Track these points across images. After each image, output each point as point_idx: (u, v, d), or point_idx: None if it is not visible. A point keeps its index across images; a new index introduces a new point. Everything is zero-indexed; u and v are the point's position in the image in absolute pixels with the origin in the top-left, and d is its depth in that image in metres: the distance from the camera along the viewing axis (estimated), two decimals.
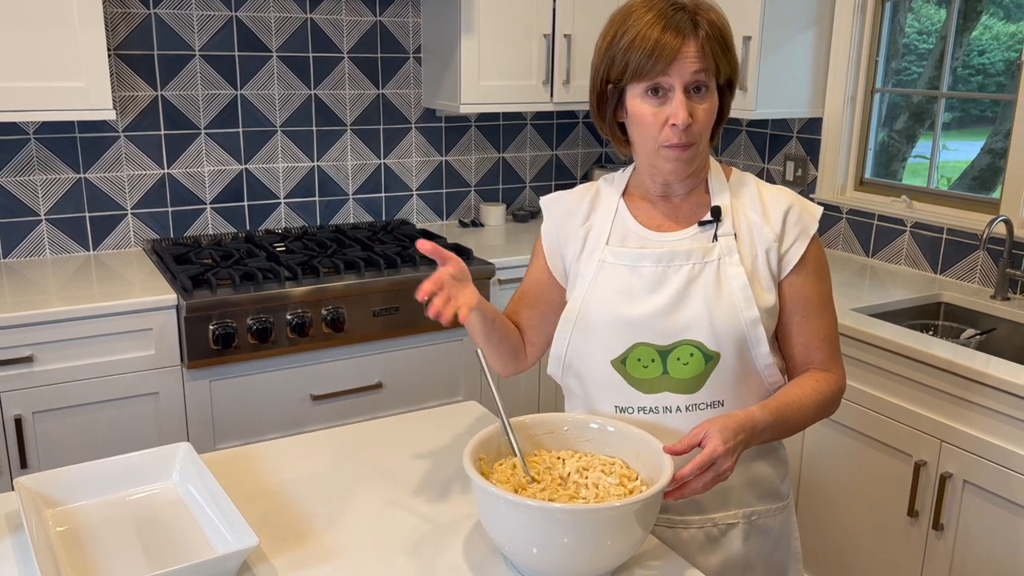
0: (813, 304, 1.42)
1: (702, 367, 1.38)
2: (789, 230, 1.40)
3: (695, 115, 1.32)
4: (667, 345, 1.38)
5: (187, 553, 1.25)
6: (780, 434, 1.38)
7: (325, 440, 1.65)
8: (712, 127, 1.39)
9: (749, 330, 1.37)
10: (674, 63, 1.30)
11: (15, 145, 2.75)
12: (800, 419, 1.39)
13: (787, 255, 1.40)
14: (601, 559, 1.19)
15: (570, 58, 3.20)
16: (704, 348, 1.37)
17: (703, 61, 1.31)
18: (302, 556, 1.27)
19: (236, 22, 2.99)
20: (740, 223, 1.41)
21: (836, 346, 1.46)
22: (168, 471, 1.44)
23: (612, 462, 1.32)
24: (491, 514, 1.20)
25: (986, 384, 2.08)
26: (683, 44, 1.30)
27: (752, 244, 1.39)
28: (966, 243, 2.77)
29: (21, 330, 2.32)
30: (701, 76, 1.31)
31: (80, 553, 1.25)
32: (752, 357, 1.39)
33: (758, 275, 1.39)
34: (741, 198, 1.43)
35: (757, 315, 1.37)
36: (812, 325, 1.42)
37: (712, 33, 1.32)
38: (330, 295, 2.64)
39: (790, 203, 1.42)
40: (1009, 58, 2.79)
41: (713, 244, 1.39)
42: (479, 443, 1.29)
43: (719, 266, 1.38)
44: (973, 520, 2.15)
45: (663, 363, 1.39)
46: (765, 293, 1.39)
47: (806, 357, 1.43)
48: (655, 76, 1.31)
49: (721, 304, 1.37)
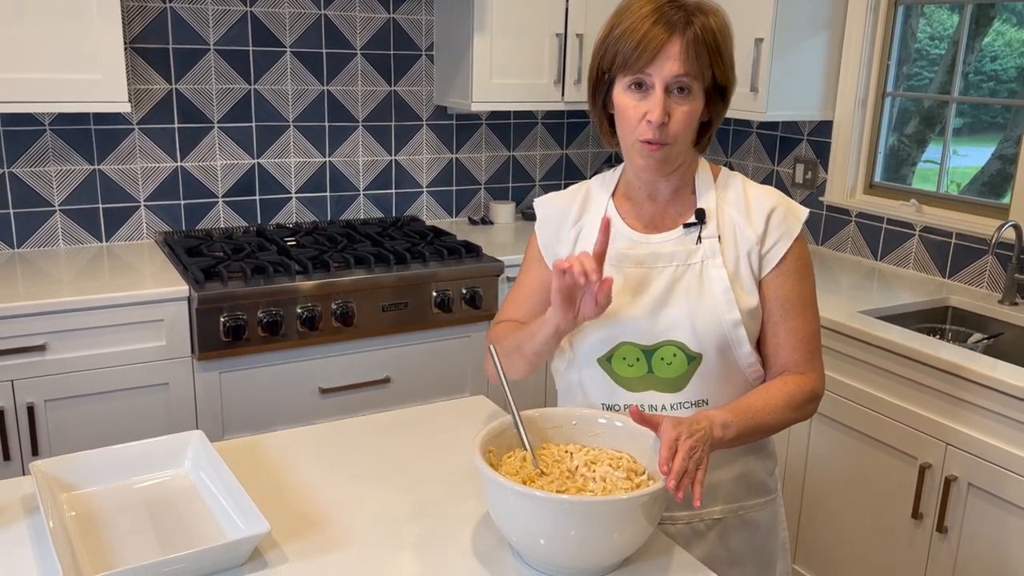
0: (791, 304, 1.41)
1: (685, 367, 1.39)
2: (772, 231, 1.40)
3: (673, 115, 1.32)
4: (651, 345, 1.40)
5: (199, 539, 1.27)
6: (748, 435, 1.35)
7: (335, 431, 1.67)
8: (697, 131, 1.38)
9: (730, 332, 1.38)
10: (657, 59, 1.30)
11: (31, 136, 2.77)
12: (767, 419, 1.35)
13: (768, 255, 1.40)
14: (607, 551, 1.21)
15: (582, 57, 3.21)
16: (687, 349, 1.39)
17: (686, 64, 1.31)
18: (312, 544, 1.29)
19: (251, 17, 3.01)
20: (724, 224, 1.42)
21: (814, 347, 1.44)
22: (180, 458, 1.46)
23: (619, 456, 1.33)
24: (500, 505, 1.22)
25: (992, 388, 2.09)
26: (668, 42, 1.30)
27: (735, 246, 1.40)
28: (975, 248, 2.78)
29: (35, 319, 2.34)
30: (684, 79, 1.31)
31: (94, 537, 1.27)
32: (735, 357, 1.40)
33: (740, 277, 1.40)
34: (726, 199, 1.43)
35: (739, 317, 1.38)
36: (789, 325, 1.41)
37: (703, 36, 1.32)
38: (340, 289, 2.66)
39: (774, 204, 1.42)
40: (1021, 64, 2.80)
41: (697, 246, 1.41)
42: (489, 436, 1.31)
43: (702, 268, 1.40)
44: (977, 523, 2.16)
45: (648, 362, 1.40)
46: (746, 295, 1.40)
47: (784, 358, 1.42)
48: (638, 70, 1.32)
49: (703, 306, 1.38)
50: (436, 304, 2.82)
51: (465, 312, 2.88)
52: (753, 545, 1.52)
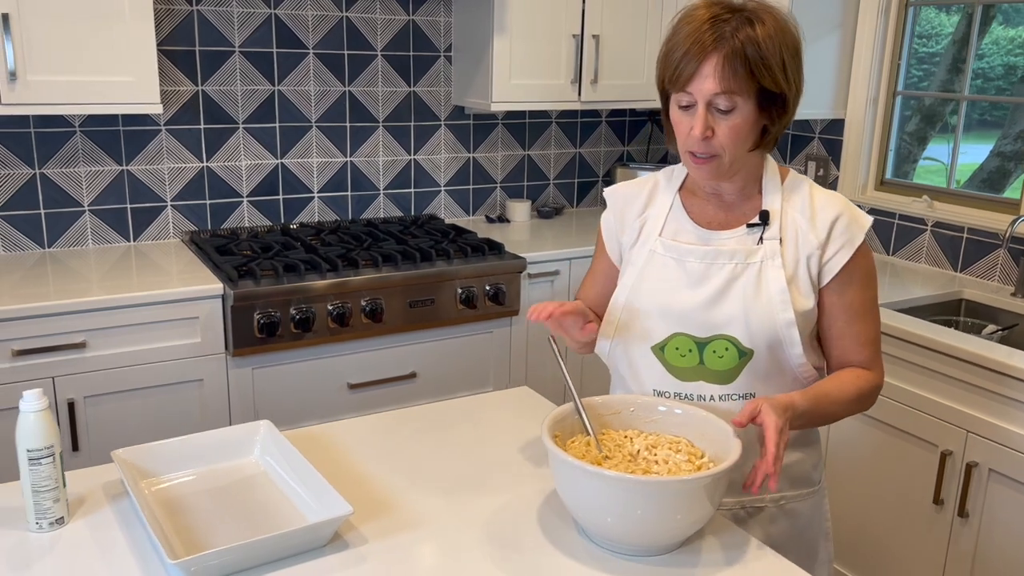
0: (855, 311, 1.46)
1: (736, 361, 1.45)
2: (835, 239, 1.44)
3: (717, 129, 1.36)
4: (705, 338, 1.45)
5: (279, 522, 1.32)
6: (815, 422, 1.44)
7: (387, 421, 1.73)
8: (760, 134, 1.40)
9: (783, 331, 1.43)
10: (694, 79, 1.34)
11: (62, 137, 2.81)
12: (836, 410, 1.44)
13: (829, 263, 1.44)
14: (670, 530, 1.27)
15: (598, 58, 3.28)
16: (739, 344, 1.44)
17: (723, 82, 1.32)
18: (386, 525, 1.35)
19: (275, 19, 3.06)
20: (788, 227, 1.45)
21: (877, 348, 1.50)
22: (250, 447, 1.51)
23: (678, 441, 1.40)
24: (569, 485, 1.27)
25: (1011, 376, 2.16)
26: (705, 61, 1.33)
27: (796, 249, 1.44)
28: (986, 242, 2.85)
29: (74, 317, 2.38)
30: (722, 99, 1.34)
31: (179, 520, 1.32)
32: (785, 356, 1.45)
33: (798, 280, 1.44)
34: (792, 202, 1.47)
35: (792, 318, 1.42)
36: (854, 330, 1.47)
37: (744, 50, 1.32)
38: (370, 286, 2.71)
39: (839, 211, 1.45)
40: (1008, 62, 2.87)
41: (758, 246, 1.45)
42: (554, 421, 1.37)
43: (760, 268, 1.44)
44: (998, 507, 2.23)
45: (700, 354, 1.46)
46: (802, 298, 1.44)
47: (847, 359, 1.49)
48: (679, 89, 1.37)
49: (758, 305, 1.43)
50: (461, 300, 2.88)
51: (489, 308, 2.93)
52: (793, 534, 1.56)
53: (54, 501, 1.30)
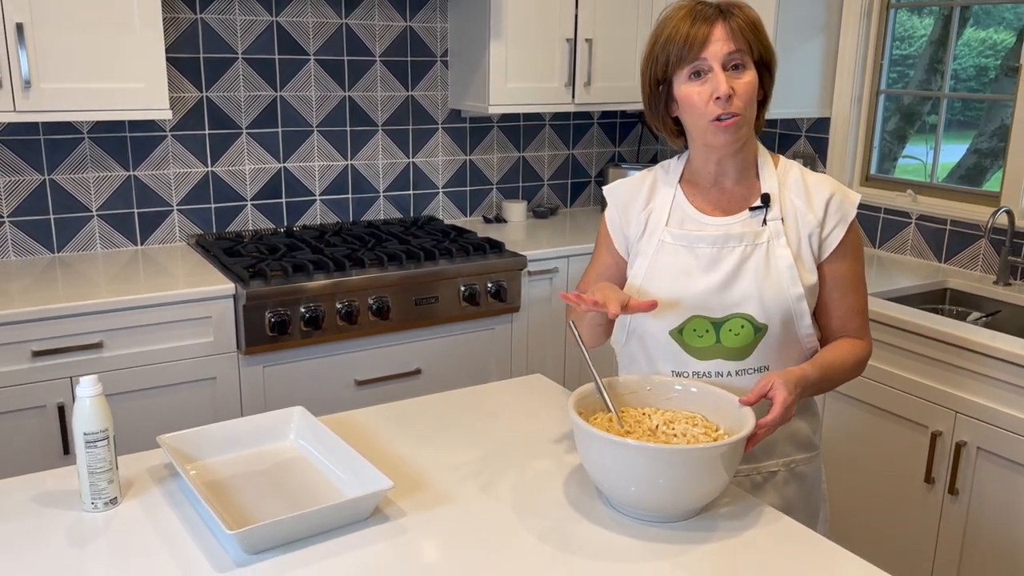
0: (849, 282, 1.59)
1: (751, 337, 1.55)
2: (830, 216, 1.56)
3: (736, 88, 1.48)
4: (720, 318, 1.55)
5: (321, 498, 1.40)
6: (822, 389, 1.55)
7: (411, 408, 1.80)
8: (756, 106, 1.54)
9: (794, 305, 1.54)
10: (708, 45, 1.47)
11: (70, 144, 2.87)
12: (840, 376, 1.57)
13: (827, 239, 1.56)
14: (690, 498, 1.36)
15: (591, 62, 3.38)
16: (754, 320, 1.54)
17: (735, 41, 1.47)
18: (422, 500, 1.42)
19: (276, 27, 3.13)
20: (787, 208, 1.57)
21: (866, 318, 1.64)
22: (285, 432, 1.59)
23: (693, 416, 1.48)
24: (594, 455, 1.36)
25: (996, 357, 2.27)
26: (712, 29, 1.47)
27: (797, 228, 1.56)
28: (969, 233, 2.97)
29: (91, 318, 2.44)
30: (736, 56, 1.47)
31: (226, 499, 1.39)
32: (796, 328, 1.56)
33: (802, 256, 1.56)
34: (787, 185, 1.59)
35: (802, 292, 1.54)
36: (848, 300, 1.59)
37: (741, 18, 1.49)
38: (376, 285, 2.79)
39: (832, 191, 1.57)
40: (980, 63, 3.00)
41: (763, 228, 1.56)
42: (578, 399, 1.45)
43: (768, 248, 1.55)
44: (987, 484, 2.34)
45: (716, 333, 1.55)
46: (807, 273, 1.55)
47: (842, 328, 1.61)
48: (693, 59, 1.48)
49: (770, 282, 1.53)
50: (464, 298, 2.96)
51: (491, 305, 3.02)
52: (802, 495, 1.68)
53: (108, 482, 1.37)
